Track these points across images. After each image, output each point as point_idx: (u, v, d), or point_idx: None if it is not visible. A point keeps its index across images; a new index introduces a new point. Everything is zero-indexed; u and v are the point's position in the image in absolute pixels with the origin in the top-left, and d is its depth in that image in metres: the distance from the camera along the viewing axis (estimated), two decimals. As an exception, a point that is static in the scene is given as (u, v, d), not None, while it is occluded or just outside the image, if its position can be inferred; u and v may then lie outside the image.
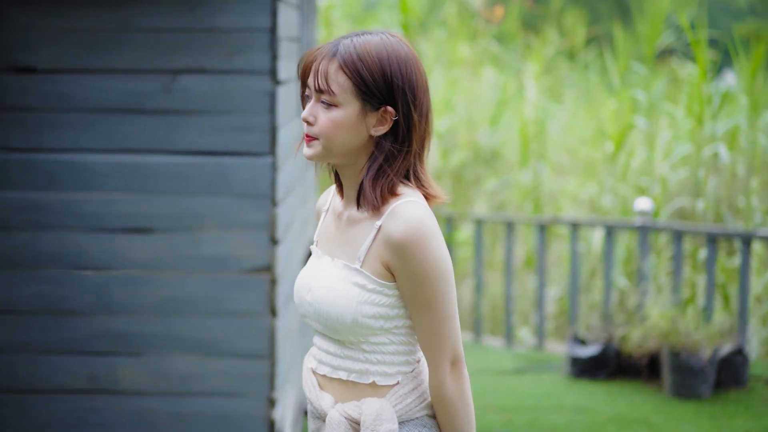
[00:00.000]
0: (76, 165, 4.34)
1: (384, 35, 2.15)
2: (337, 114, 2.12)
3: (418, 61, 2.17)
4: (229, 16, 4.26)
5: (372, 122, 2.13)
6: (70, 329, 4.42)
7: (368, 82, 2.10)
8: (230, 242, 4.36)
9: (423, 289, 2.10)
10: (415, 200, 2.13)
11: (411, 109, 2.13)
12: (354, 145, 2.14)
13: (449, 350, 2.14)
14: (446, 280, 2.11)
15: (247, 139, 4.30)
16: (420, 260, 2.08)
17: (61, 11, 4.29)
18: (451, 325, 2.13)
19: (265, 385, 4.41)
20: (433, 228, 2.11)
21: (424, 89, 2.17)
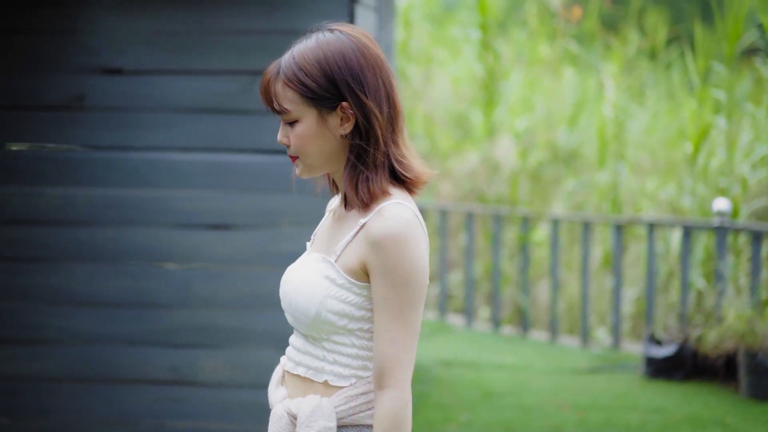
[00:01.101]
0: (159, 163, 4.49)
1: (320, 33, 2.12)
2: (299, 128, 2.11)
3: (363, 45, 2.08)
4: (306, 18, 4.37)
5: (336, 123, 2.08)
6: (152, 322, 4.57)
7: (312, 87, 2.07)
8: (306, 239, 4.46)
9: (392, 291, 2.02)
10: (404, 203, 2.06)
11: (360, 95, 2.06)
12: (329, 152, 2.11)
13: (411, 366, 2.03)
14: (416, 291, 2.02)
15: (324, 138, 4.40)
16: (395, 261, 2.01)
17: (146, 15, 4.44)
18: (415, 342, 2.04)
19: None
20: (417, 234, 2.03)
21: (373, 70, 2.07)
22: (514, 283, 9.69)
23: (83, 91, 4.50)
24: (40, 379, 4.64)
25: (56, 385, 4.64)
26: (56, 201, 4.56)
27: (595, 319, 9.19)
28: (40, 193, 4.56)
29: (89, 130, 4.51)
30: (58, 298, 4.59)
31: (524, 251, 9.09)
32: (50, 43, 4.51)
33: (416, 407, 6.47)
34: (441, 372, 7.44)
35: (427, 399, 6.68)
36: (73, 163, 4.53)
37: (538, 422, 6.10)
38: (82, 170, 4.53)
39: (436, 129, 11.98)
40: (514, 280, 9.74)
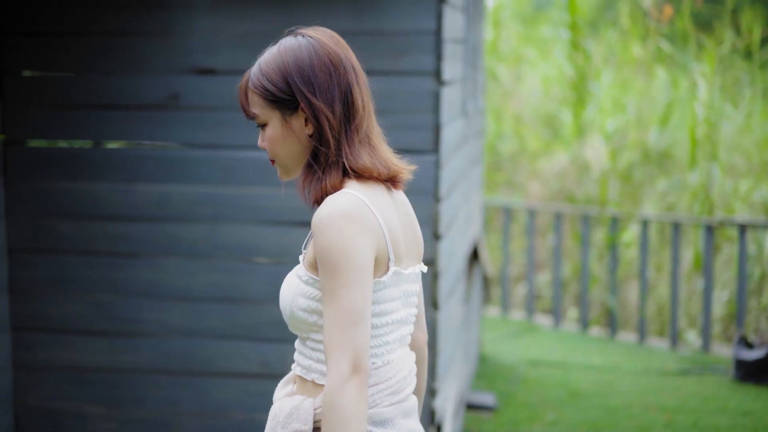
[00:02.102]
0: (251, 161, 4.59)
1: (286, 38, 2.17)
2: (268, 132, 2.16)
3: (320, 46, 2.13)
4: (395, 19, 4.43)
5: (300, 125, 2.12)
6: (243, 316, 4.67)
7: (272, 90, 2.11)
8: (394, 236, 4.52)
9: (326, 277, 2.01)
10: (350, 192, 2.07)
11: (310, 96, 2.09)
12: (297, 153, 2.14)
13: (349, 353, 1.97)
14: (348, 273, 1.99)
15: (412, 137, 4.46)
16: (325, 244, 2.00)
17: (238, 16, 4.55)
18: (355, 326, 1.99)
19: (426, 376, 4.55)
20: (350, 218, 2.01)
21: (327, 71, 2.11)
22: (603, 283, 9.63)
23: (178, 91, 4.62)
24: (135, 371, 4.78)
25: (150, 376, 4.77)
26: (152, 197, 4.69)
27: (684, 321, 9.09)
28: (136, 189, 4.70)
29: (184, 128, 4.63)
30: (153, 292, 4.72)
31: (613, 252, 9.03)
32: (147, 44, 4.65)
33: (502, 406, 6.48)
34: (528, 371, 7.44)
35: (513, 398, 6.69)
36: (168, 161, 4.66)
37: (624, 423, 6.08)
38: (177, 168, 4.65)
39: (525, 129, 11.96)
40: (602, 281, 9.68)
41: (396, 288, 2.11)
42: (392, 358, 2.13)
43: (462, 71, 5.36)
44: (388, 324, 2.11)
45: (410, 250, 2.18)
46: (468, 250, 6.24)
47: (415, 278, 2.21)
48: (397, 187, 2.18)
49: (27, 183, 4.79)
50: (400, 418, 2.13)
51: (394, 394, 2.11)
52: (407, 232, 2.19)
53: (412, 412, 2.19)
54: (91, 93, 4.69)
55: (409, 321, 2.19)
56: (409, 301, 2.18)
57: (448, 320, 4.91)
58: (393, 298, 2.11)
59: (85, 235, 4.75)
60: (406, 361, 2.17)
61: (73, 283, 4.78)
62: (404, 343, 2.19)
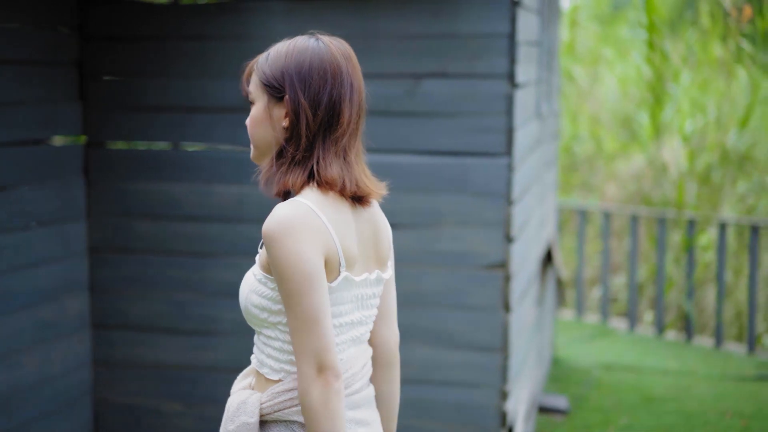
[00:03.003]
0: (326, 163, 4.64)
1: (302, 36, 2.24)
2: (252, 111, 2.24)
3: (327, 53, 2.19)
4: (470, 22, 4.45)
5: (280, 115, 2.18)
6: (317, 316, 4.72)
7: (268, 74, 2.19)
8: (468, 239, 4.55)
9: (282, 285, 2.08)
10: (298, 199, 2.12)
11: (299, 92, 2.15)
12: (269, 140, 2.20)
13: (311, 356, 2.06)
14: (299, 281, 2.06)
15: (485, 140, 4.48)
16: (277, 255, 2.06)
17: (314, 20, 4.60)
18: (314, 330, 2.06)
19: (497, 378, 4.57)
20: (297, 228, 2.07)
21: (324, 76, 2.17)
22: (679, 287, 9.53)
23: (255, 94, 4.68)
24: (212, 369, 4.86)
25: (227, 375, 4.84)
26: (229, 199, 4.77)
27: (763, 326, 8.95)
28: (214, 191, 4.78)
29: (260, 131, 4.70)
30: (230, 291, 4.80)
31: (690, 255, 8.93)
32: (224, 48, 4.73)
33: (575, 409, 6.46)
34: (602, 375, 7.40)
35: (586, 402, 6.67)
36: (244, 163, 4.73)
37: (699, 429, 6.02)
38: (254, 170, 4.70)
39: (602, 130, 11.87)
40: (679, 285, 9.58)
41: (347, 292, 2.18)
42: (342, 357, 2.21)
43: (536, 74, 5.36)
44: (337, 326, 2.19)
45: (369, 257, 2.25)
46: (541, 253, 6.23)
47: (375, 282, 2.28)
48: (364, 205, 2.24)
49: (107, 184, 4.90)
50: (348, 410, 2.22)
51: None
52: (367, 242, 2.25)
53: (362, 404, 2.27)
54: (170, 96, 4.78)
55: (365, 322, 2.27)
56: (365, 304, 2.25)
57: (519, 323, 4.91)
58: (343, 302, 2.19)
59: (164, 235, 4.85)
60: (359, 358, 2.26)
61: (152, 281, 4.88)
62: (359, 342, 2.27)
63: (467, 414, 4.61)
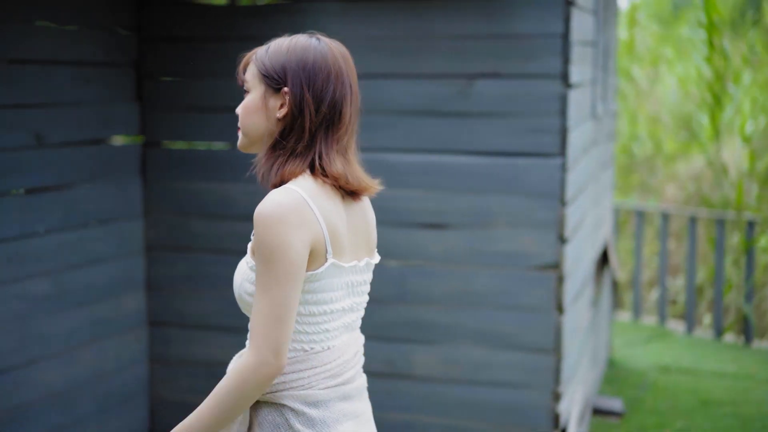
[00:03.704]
0: (379, 163, 4.66)
1: (300, 35, 2.30)
2: (246, 99, 2.29)
3: (329, 53, 2.26)
4: (523, 22, 4.43)
5: (275, 105, 2.25)
6: (371, 316, 4.74)
7: (267, 65, 2.25)
8: (520, 239, 4.54)
9: (260, 268, 2.12)
10: (293, 187, 2.18)
11: (303, 87, 2.22)
12: (263, 129, 2.27)
13: (273, 342, 2.10)
14: (279, 268, 2.10)
15: (539, 140, 4.46)
16: (261, 238, 2.11)
17: (368, 20, 4.62)
18: (281, 318, 2.11)
19: (550, 379, 4.55)
20: (286, 216, 2.12)
21: (327, 75, 2.23)
22: (739, 289, 9.41)
23: (309, 95, 4.71)
24: (264, 367, 4.89)
25: (279, 372, 4.88)
26: (282, 198, 4.80)
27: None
28: (266, 190, 4.80)
29: (314, 131, 4.73)
30: (282, 290, 4.82)
31: (749, 257, 8.82)
32: (279, 49, 4.76)
33: (630, 412, 6.41)
34: (658, 377, 7.33)
35: (641, 404, 6.61)
36: (298, 163, 4.76)
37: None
38: (307, 170, 4.75)
39: (661, 130, 11.76)
40: (738, 287, 9.46)
41: (337, 279, 2.23)
42: (334, 344, 2.26)
43: (591, 74, 5.33)
44: (328, 313, 2.23)
45: (359, 246, 2.31)
46: (597, 254, 6.19)
47: (364, 269, 2.34)
48: (356, 200, 2.31)
49: (164, 183, 4.96)
50: (337, 401, 2.27)
51: (331, 378, 2.26)
52: (358, 231, 2.32)
53: (354, 395, 2.32)
54: (225, 96, 4.83)
55: (357, 308, 2.33)
56: (356, 291, 2.31)
57: (573, 324, 4.89)
58: (333, 289, 2.23)
59: (218, 234, 4.90)
60: (351, 345, 2.31)
61: (206, 280, 4.93)
62: (351, 328, 2.33)
63: (519, 415, 4.60)
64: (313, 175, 2.23)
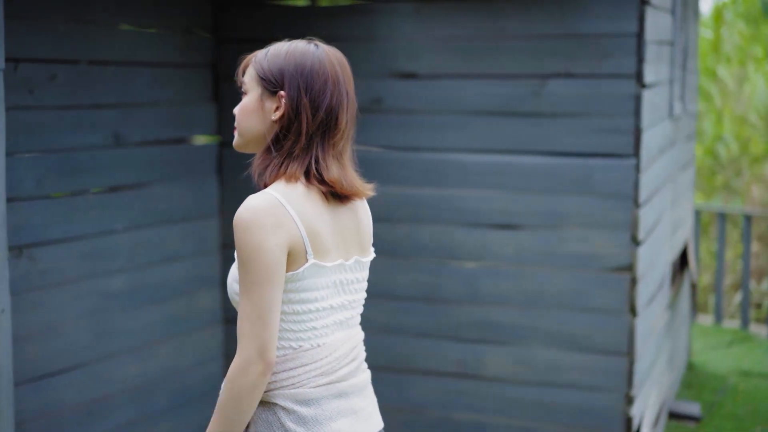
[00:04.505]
0: (451, 163, 4.66)
1: (298, 41, 2.34)
2: (244, 100, 2.33)
3: (326, 59, 2.30)
4: (596, 21, 4.40)
5: (271, 108, 2.29)
6: (442, 316, 4.75)
7: (265, 68, 2.29)
8: (593, 241, 4.50)
9: (241, 271, 2.18)
10: (268, 192, 2.22)
11: (301, 91, 2.26)
12: (259, 130, 2.32)
13: (258, 342, 2.16)
14: (257, 271, 2.16)
15: (612, 141, 4.43)
16: (242, 245, 2.17)
17: (441, 21, 4.63)
18: (264, 318, 2.16)
19: (622, 382, 4.51)
20: (261, 220, 2.17)
21: (324, 81, 2.28)
22: (825, 294, 9.19)
23: (381, 95, 4.74)
24: (337, 365, 4.93)
25: (352, 371, 4.91)
26: (356, 198, 4.83)
27: None
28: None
29: (386, 131, 4.76)
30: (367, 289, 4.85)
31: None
32: (353, 49, 4.78)
33: (707, 416, 6.32)
34: (738, 382, 7.20)
35: (720, 409, 6.51)
36: (371, 163, 4.79)
37: (839, 440, 5.81)
38: (380, 169, 4.78)
39: (748, 131, 11.54)
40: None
41: (320, 278, 2.26)
42: (325, 341, 2.32)
43: (668, 73, 5.26)
44: (313, 311, 2.28)
45: (348, 245, 2.34)
46: (674, 257, 6.11)
47: (354, 268, 2.37)
48: (345, 202, 2.35)
49: (239, 182, 5.02)
50: (330, 399, 2.31)
51: (323, 375, 2.30)
52: (346, 231, 2.34)
53: (351, 392, 2.36)
54: (299, 97, 4.87)
55: (351, 306, 2.37)
56: (348, 288, 2.35)
57: (647, 327, 4.83)
58: (317, 288, 2.27)
59: (292, 233, 4.94)
60: (345, 342, 2.36)
61: (281, 278, 4.97)
62: (346, 326, 2.37)
63: (591, 418, 4.56)
64: (289, 179, 2.27)
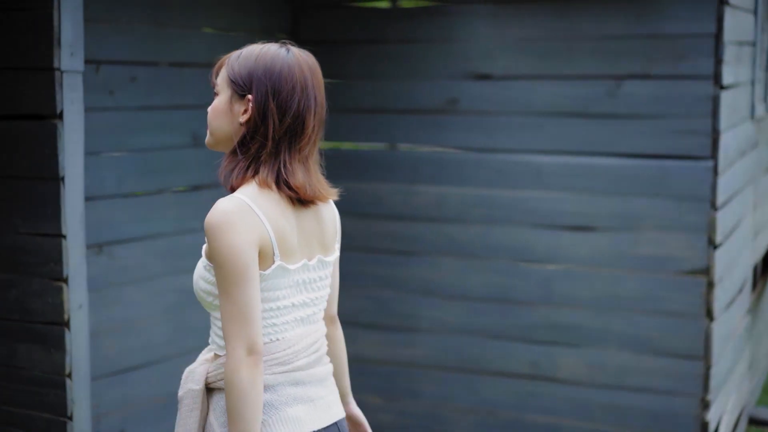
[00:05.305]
0: (525, 164, 4.66)
1: (271, 44, 2.37)
2: (215, 101, 2.38)
3: (296, 64, 2.32)
4: (674, 22, 4.35)
5: (239, 110, 2.33)
6: (515, 317, 4.75)
7: (235, 71, 2.34)
8: (668, 243, 4.46)
9: (218, 273, 2.24)
10: (239, 195, 2.27)
11: (268, 96, 2.30)
12: (227, 131, 2.36)
13: (244, 341, 2.23)
14: (231, 272, 2.22)
15: (689, 142, 4.38)
16: (215, 247, 2.22)
17: (516, 22, 4.62)
18: (246, 316, 2.23)
19: (698, 387, 4.45)
20: (231, 223, 2.22)
21: (292, 86, 2.31)
22: None
23: (456, 96, 4.76)
24: (411, 365, 4.96)
25: (425, 371, 4.94)
26: (430, 199, 4.86)
27: None
28: (416, 191, 4.88)
29: (461, 132, 4.77)
30: (429, 290, 4.88)
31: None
32: (430, 50, 4.81)
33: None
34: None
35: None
36: (446, 163, 4.81)
37: None
38: (454, 170, 4.79)
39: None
40: None
41: (283, 279, 2.33)
42: (284, 336, 2.39)
43: (749, 75, 5.18)
44: (274, 309, 2.35)
45: (312, 246, 2.40)
46: (756, 260, 6.01)
47: (317, 267, 2.43)
48: (308, 207, 2.38)
49: (316, 182, 5.08)
50: (286, 386, 2.38)
51: (280, 365, 2.37)
52: (310, 232, 2.39)
53: (309, 381, 2.43)
54: (376, 98, 4.91)
55: (314, 303, 2.44)
56: (311, 287, 2.42)
57: (724, 331, 4.76)
58: (279, 288, 2.34)
59: (367, 233, 4.99)
60: (305, 337, 2.42)
61: (356, 278, 5.03)
62: (307, 322, 2.44)
63: (665, 422, 4.51)
64: (257, 183, 2.32)
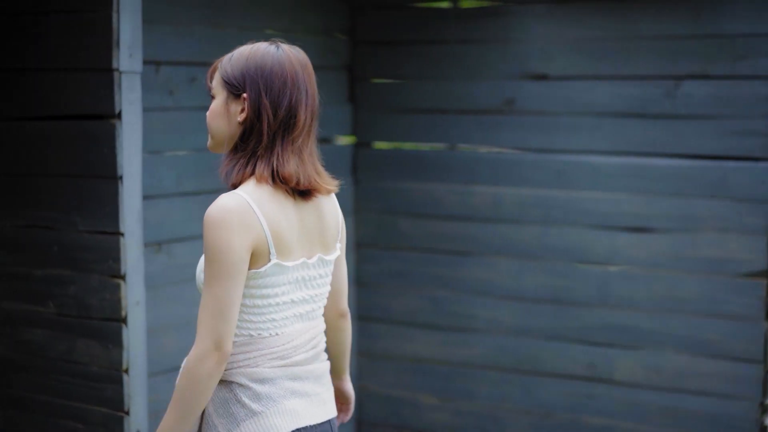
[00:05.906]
0: (582, 165, 4.63)
1: (261, 43, 2.42)
2: (212, 104, 2.45)
3: (286, 60, 2.38)
4: (733, 21, 4.30)
5: (236, 110, 2.39)
6: (571, 319, 4.73)
7: (229, 72, 2.40)
8: (727, 245, 4.40)
9: (206, 266, 2.30)
10: (239, 193, 2.32)
11: (261, 93, 2.36)
12: (227, 132, 2.42)
13: (215, 334, 2.28)
14: (220, 267, 2.27)
15: (749, 143, 4.32)
16: (209, 241, 2.28)
17: (573, 22, 4.60)
18: (223, 312, 2.28)
19: (757, 390, 4.39)
20: (228, 220, 2.28)
21: (283, 81, 2.37)
22: None
23: (513, 96, 4.75)
24: (467, 365, 4.96)
25: (481, 371, 4.94)
26: (487, 199, 4.85)
27: None
28: (472, 191, 4.88)
29: (517, 132, 4.76)
30: (485, 290, 4.88)
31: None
32: (486, 51, 4.81)
33: None
34: None
35: None
36: (502, 164, 4.80)
37: None
38: (511, 170, 4.79)
39: None
40: None
41: (282, 276, 2.38)
42: (283, 331, 2.43)
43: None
44: (273, 305, 2.40)
45: (312, 243, 2.45)
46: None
47: (317, 265, 2.48)
48: (307, 199, 2.43)
49: (373, 182, 5.11)
50: (284, 380, 2.43)
51: (279, 359, 2.42)
52: (310, 230, 2.44)
53: (306, 377, 2.47)
54: (434, 98, 4.93)
55: (313, 300, 2.49)
56: (310, 284, 2.47)
57: (785, 335, 4.69)
58: (278, 285, 2.38)
59: (424, 233, 5.00)
60: (304, 333, 2.47)
61: (412, 278, 5.04)
62: (306, 318, 2.49)
63: (723, 426, 4.46)
64: (259, 180, 2.37)
